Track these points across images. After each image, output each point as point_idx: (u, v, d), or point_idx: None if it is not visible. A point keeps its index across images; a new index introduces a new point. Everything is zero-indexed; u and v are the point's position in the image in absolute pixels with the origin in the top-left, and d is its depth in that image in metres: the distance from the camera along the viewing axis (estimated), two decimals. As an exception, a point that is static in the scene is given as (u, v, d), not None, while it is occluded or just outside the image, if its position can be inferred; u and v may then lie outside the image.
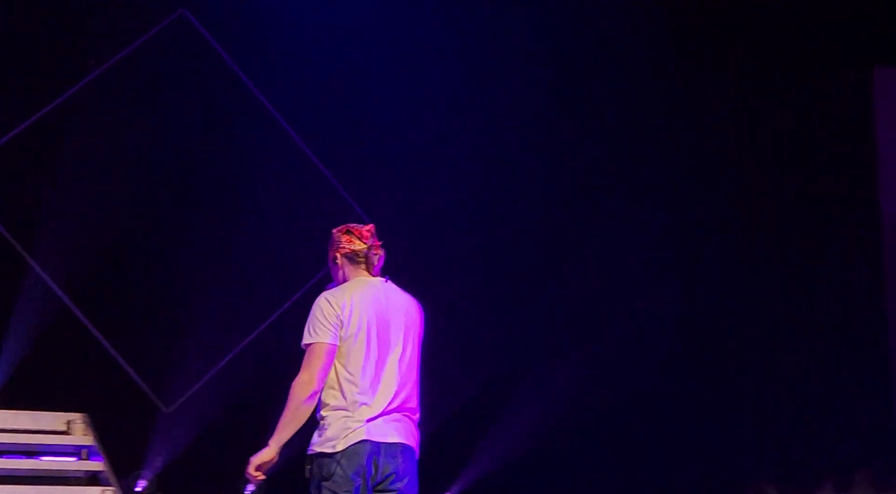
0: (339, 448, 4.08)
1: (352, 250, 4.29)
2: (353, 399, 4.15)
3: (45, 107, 7.72)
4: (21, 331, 7.40)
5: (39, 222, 7.63)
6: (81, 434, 6.83)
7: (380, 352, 4.23)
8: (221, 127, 8.15)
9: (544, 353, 8.42)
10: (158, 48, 7.93)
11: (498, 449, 7.94)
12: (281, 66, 8.20)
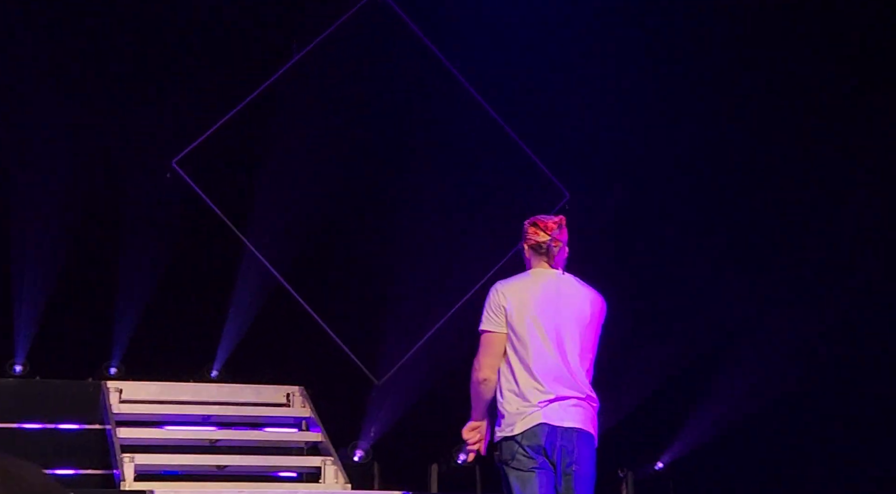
0: (518, 431, 4.22)
1: (536, 242, 4.41)
2: (527, 385, 4.27)
3: (252, 92, 7.99)
4: (240, 310, 7.72)
5: (253, 205, 7.93)
6: (300, 407, 7.11)
7: (552, 342, 4.34)
8: (420, 105, 8.27)
9: (753, 330, 8.22)
10: (358, 30, 8.09)
11: (705, 423, 7.85)
12: (478, 44, 8.25)
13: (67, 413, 6.64)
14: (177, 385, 7.07)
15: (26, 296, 7.26)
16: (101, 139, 7.72)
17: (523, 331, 4.32)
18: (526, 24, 8.32)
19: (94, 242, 7.64)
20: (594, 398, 4.39)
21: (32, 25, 7.62)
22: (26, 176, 7.42)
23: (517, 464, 4.23)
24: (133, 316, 7.53)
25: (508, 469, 4.25)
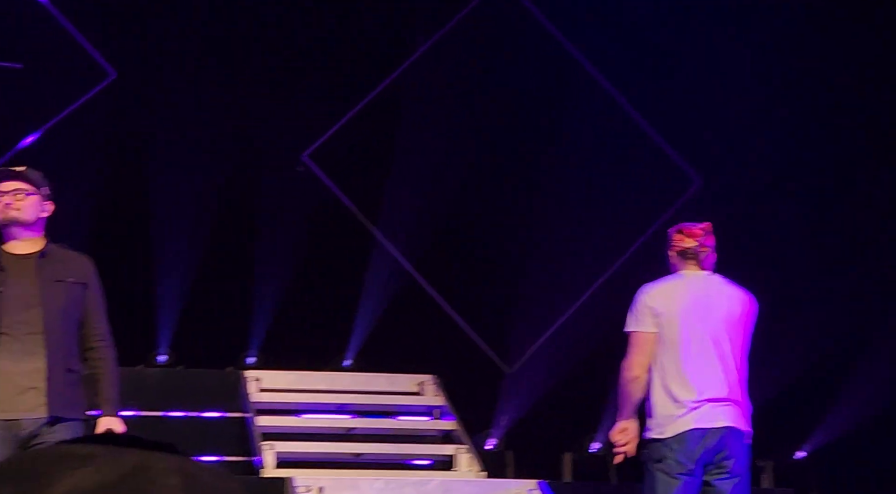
0: (668, 435, 4.24)
1: (683, 248, 4.44)
2: (677, 388, 4.28)
3: (380, 84, 8.08)
4: (372, 300, 7.83)
5: (383, 196, 8.02)
6: (433, 395, 7.17)
7: (702, 343, 4.35)
8: (546, 93, 8.24)
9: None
10: (484, 19, 8.10)
11: (849, 411, 7.64)
12: (601, 29, 8.17)
13: (209, 401, 6.84)
14: (312, 374, 7.21)
15: (168, 289, 7.50)
16: (234, 134, 7.91)
17: (672, 333, 4.31)
18: (651, 6, 8.20)
19: (231, 235, 7.84)
20: (746, 399, 4.36)
21: (166, 25, 7.85)
22: (165, 171, 7.65)
23: (665, 467, 4.25)
24: (269, 307, 7.71)
25: (655, 469, 4.25)
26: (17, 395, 4.18)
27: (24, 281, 4.29)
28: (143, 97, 7.76)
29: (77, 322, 4.36)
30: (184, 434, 6.61)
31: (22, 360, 4.21)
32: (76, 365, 4.35)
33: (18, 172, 4.41)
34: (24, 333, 4.22)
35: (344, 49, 8.06)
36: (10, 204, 4.33)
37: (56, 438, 4.14)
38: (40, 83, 7.52)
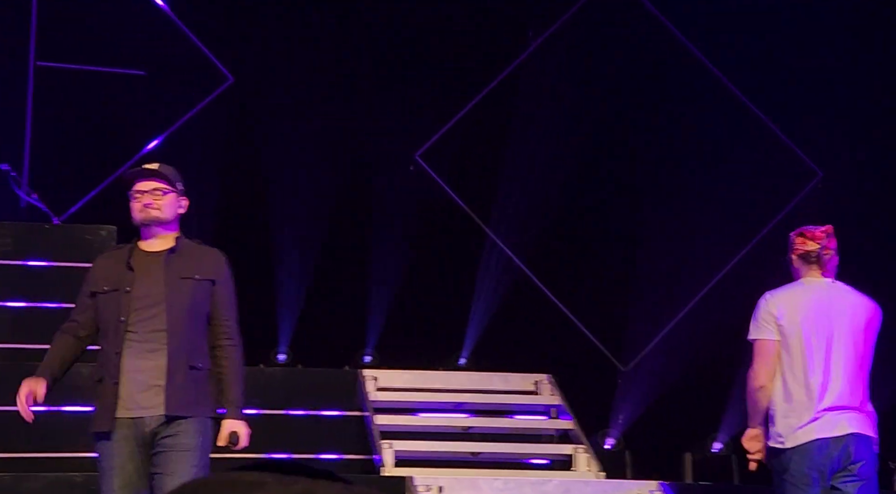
0: (790, 445, 4.24)
1: (805, 251, 4.42)
2: (800, 396, 4.28)
3: (491, 82, 8.07)
4: (485, 298, 7.83)
5: (495, 194, 8.02)
6: (549, 394, 7.13)
7: (824, 352, 4.37)
8: (661, 87, 8.14)
9: None
10: (596, 13, 8.04)
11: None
12: (718, 21, 8.03)
13: (328, 400, 6.90)
14: (429, 373, 7.23)
15: (287, 289, 7.61)
16: (348, 136, 8.00)
17: (795, 342, 4.33)
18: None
19: (346, 235, 7.92)
20: (870, 407, 4.33)
21: (280, 29, 7.97)
22: (282, 173, 7.77)
23: (790, 478, 4.25)
24: (384, 306, 7.77)
25: (782, 479, 4.26)
26: (140, 393, 4.17)
27: (151, 278, 4.26)
28: (260, 100, 7.90)
29: (205, 319, 4.30)
30: (304, 432, 6.70)
31: (145, 358, 4.19)
32: (202, 362, 4.27)
33: (155, 171, 4.36)
34: (149, 331, 4.20)
35: (454, 49, 8.08)
36: (150, 204, 4.29)
37: (178, 437, 4.17)
38: (162, 89, 7.70)
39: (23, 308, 6.52)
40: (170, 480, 4.12)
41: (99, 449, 4.22)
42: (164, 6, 8.00)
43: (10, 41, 7.83)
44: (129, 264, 4.30)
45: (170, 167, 4.44)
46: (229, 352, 4.31)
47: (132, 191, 4.33)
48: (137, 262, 4.31)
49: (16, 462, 5.87)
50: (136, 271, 4.28)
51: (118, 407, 4.17)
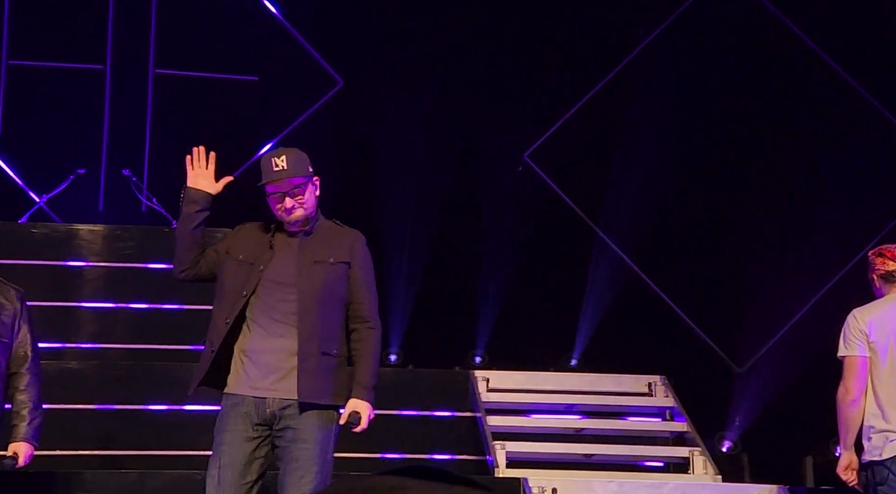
0: (886, 456, 4.35)
1: (885, 271, 4.54)
2: (889, 409, 4.40)
3: (599, 82, 8.01)
4: (596, 299, 7.76)
5: (603, 192, 7.96)
6: (663, 396, 7.03)
7: None
8: (774, 82, 7.97)
9: None
10: (707, 9, 7.92)
11: None
12: (832, 12, 7.84)
13: (440, 400, 6.92)
14: (540, 374, 7.20)
15: (397, 290, 7.66)
16: (456, 137, 8.02)
17: (881, 356, 4.35)
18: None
19: (455, 236, 7.94)
20: None
21: (388, 32, 8.03)
22: (391, 174, 7.83)
23: (888, 490, 4.32)
24: (494, 307, 7.76)
25: (877, 491, 4.33)
26: (267, 375, 4.02)
27: (286, 261, 4.11)
28: (369, 103, 7.97)
29: (340, 303, 4.11)
30: (417, 432, 6.73)
31: (274, 341, 4.03)
32: (334, 348, 4.08)
33: (290, 169, 4.11)
34: (280, 314, 4.04)
35: (563, 47, 8.04)
36: (293, 207, 4.09)
37: (300, 430, 4.00)
38: (274, 94, 7.83)
39: (144, 309, 6.69)
40: (292, 476, 3.99)
41: (217, 426, 4.11)
42: (276, 13, 8.14)
43: (131, 50, 8.06)
44: (270, 242, 4.15)
45: (295, 152, 4.21)
46: (365, 334, 4.15)
47: (269, 193, 4.15)
48: (278, 242, 4.15)
49: (141, 459, 6.02)
50: (274, 250, 4.13)
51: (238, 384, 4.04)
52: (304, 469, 3.99)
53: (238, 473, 4.02)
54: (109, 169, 7.88)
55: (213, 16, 8.07)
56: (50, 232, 6.76)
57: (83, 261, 6.71)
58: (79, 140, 7.96)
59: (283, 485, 4.04)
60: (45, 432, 5.95)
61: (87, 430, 6.04)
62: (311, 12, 8.11)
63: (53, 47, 8.02)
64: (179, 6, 8.12)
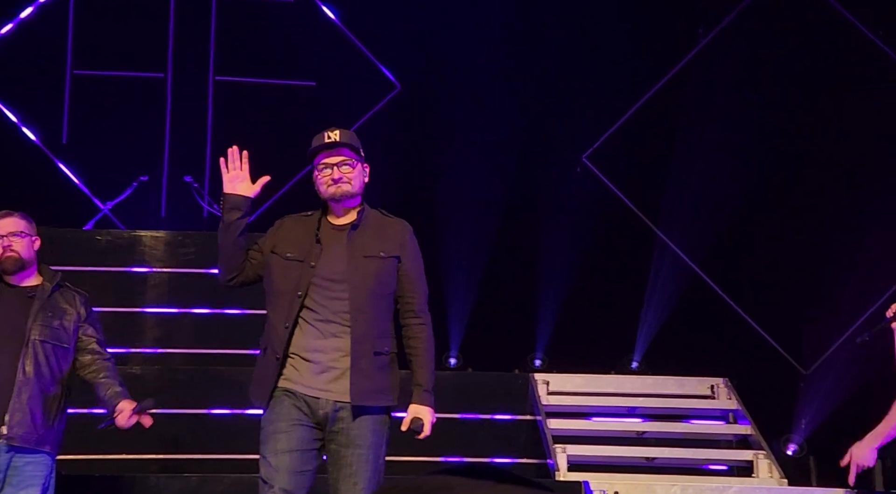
0: None
1: None
2: None
3: (658, 82, 7.94)
4: (657, 301, 7.69)
5: (663, 194, 7.88)
6: (726, 398, 6.94)
7: None
8: (838, 79, 7.84)
9: None
10: (768, 7, 7.81)
11: None
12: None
13: (499, 403, 6.90)
14: (601, 377, 7.15)
15: (456, 293, 7.65)
16: (514, 139, 7.99)
17: None
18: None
19: (514, 238, 7.92)
20: None
21: (445, 34, 8.03)
22: (450, 177, 7.82)
23: None
24: (553, 310, 7.72)
25: None
26: (319, 374, 3.86)
27: (335, 256, 3.93)
28: (427, 107, 7.98)
29: (390, 298, 3.97)
30: (477, 436, 6.71)
31: (328, 341, 3.87)
32: (386, 346, 3.93)
33: (343, 143, 3.95)
34: (331, 312, 3.88)
35: (622, 48, 7.98)
36: (339, 178, 3.92)
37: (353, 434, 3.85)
38: (332, 99, 7.87)
39: (206, 314, 6.75)
40: (345, 483, 3.85)
41: (265, 414, 3.92)
42: (334, 18, 8.18)
43: (191, 58, 8.16)
44: (317, 237, 3.96)
45: (349, 132, 4.06)
46: (418, 331, 3.99)
47: (318, 164, 3.97)
48: (325, 236, 3.96)
49: (203, 463, 6.08)
50: (323, 245, 3.95)
51: (292, 380, 3.87)
52: (357, 474, 3.86)
53: (299, 459, 3.84)
54: (171, 175, 7.99)
55: (270, 22, 8.14)
56: (114, 238, 6.85)
57: (146, 267, 6.80)
58: (141, 147, 8.07)
59: (335, 490, 3.88)
60: (109, 436, 6.06)
61: (150, 434, 6.10)
62: (368, 17, 8.14)
63: (116, 57, 8.14)
64: (238, 14, 8.21)
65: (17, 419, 4.22)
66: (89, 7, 8.21)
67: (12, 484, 4.24)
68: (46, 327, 4.34)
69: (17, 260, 4.39)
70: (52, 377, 4.32)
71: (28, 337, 4.30)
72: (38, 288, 4.43)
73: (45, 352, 4.32)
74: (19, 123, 8.09)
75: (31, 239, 4.47)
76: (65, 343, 4.38)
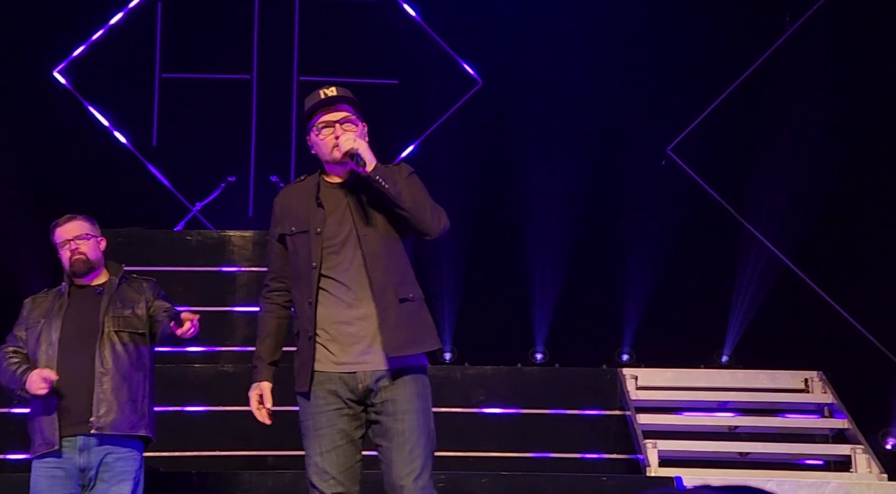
0: None
1: None
2: None
3: (744, 72, 7.82)
4: (746, 294, 7.57)
5: (750, 185, 7.76)
6: (821, 392, 6.81)
7: None
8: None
9: None
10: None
11: None
12: None
13: (587, 399, 6.85)
14: (690, 371, 7.05)
15: (541, 288, 7.62)
16: (598, 131, 7.94)
17: None
18: None
19: (599, 232, 7.86)
20: None
21: (525, 28, 8.01)
22: (533, 171, 7.80)
23: None
24: (640, 304, 7.64)
25: None
26: (350, 346, 3.66)
27: (339, 214, 3.70)
28: (509, 102, 7.96)
29: (408, 241, 3.74)
30: (565, 431, 6.68)
31: (349, 306, 3.66)
32: (410, 291, 3.69)
33: (342, 97, 3.71)
34: (350, 276, 3.65)
35: (706, 38, 7.87)
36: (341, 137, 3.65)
37: (398, 396, 3.67)
38: (414, 96, 7.90)
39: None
40: (399, 451, 3.65)
41: (301, 407, 3.76)
42: (415, 16, 8.21)
43: (276, 59, 8.26)
44: (318, 201, 3.72)
45: (346, 89, 3.81)
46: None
47: (315, 123, 3.70)
48: (326, 197, 3.72)
49: (295, 460, 6.14)
50: (325, 208, 3.71)
51: (323, 361, 3.68)
52: (411, 441, 3.66)
53: (345, 455, 3.70)
54: (258, 175, 8.09)
55: (352, 21, 8.20)
56: (204, 239, 6.96)
57: (235, 267, 6.90)
58: (228, 148, 8.20)
59: (389, 462, 3.68)
60: (202, 433, 6.16)
61: (241, 432, 6.20)
62: (448, 13, 8.16)
63: (203, 60, 8.28)
64: (321, 14, 8.28)
65: (104, 410, 4.31)
66: (176, 11, 8.36)
67: (104, 480, 4.33)
68: (118, 318, 4.44)
69: (85, 261, 4.50)
70: (131, 364, 4.41)
71: (102, 330, 4.40)
72: (106, 284, 4.53)
73: (123, 341, 4.41)
74: (111, 127, 8.28)
75: (97, 240, 4.59)
76: (140, 329, 4.47)
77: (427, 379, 3.76)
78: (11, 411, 5.99)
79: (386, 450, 3.68)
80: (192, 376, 6.30)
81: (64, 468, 4.33)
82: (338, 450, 3.69)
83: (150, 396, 4.48)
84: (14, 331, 4.52)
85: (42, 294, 4.57)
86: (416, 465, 3.65)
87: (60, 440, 4.30)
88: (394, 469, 3.66)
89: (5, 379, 4.40)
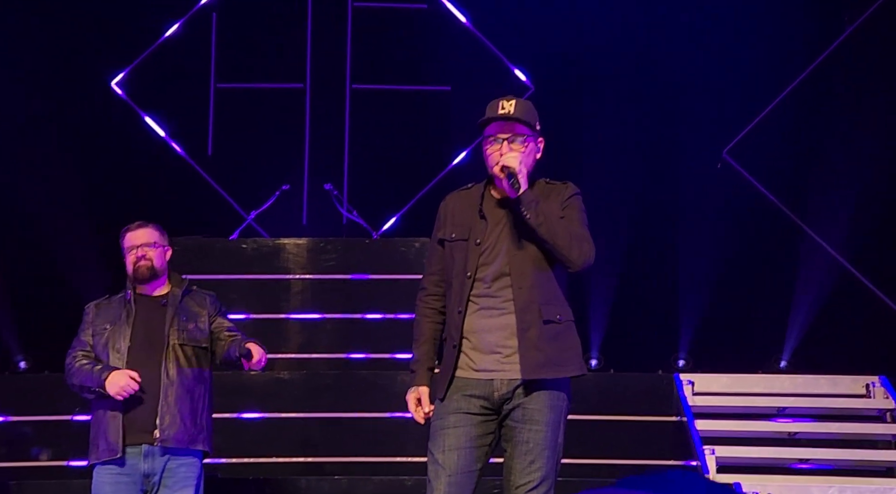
0: None
1: None
2: None
3: (801, 73, 7.73)
4: (806, 298, 7.47)
5: (807, 188, 7.67)
6: (882, 397, 6.69)
7: None
8: None
9: None
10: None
11: None
12: None
13: (643, 404, 6.80)
14: (748, 377, 6.97)
15: (596, 292, 7.59)
16: (653, 135, 7.89)
17: None
18: None
19: (654, 237, 7.81)
20: None
21: (576, 33, 7.98)
22: (588, 175, 7.76)
23: None
24: (696, 309, 7.57)
25: None
26: (489, 354, 3.65)
27: (498, 230, 3.70)
28: (562, 107, 7.93)
29: (556, 261, 3.69)
30: (622, 437, 6.63)
31: (493, 317, 3.66)
32: (557, 313, 3.66)
33: (514, 116, 3.74)
34: (496, 287, 3.66)
35: (762, 39, 7.79)
36: (505, 155, 3.67)
37: (531, 405, 3.63)
38: (467, 103, 7.90)
39: (347, 319, 6.86)
40: (521, 460, 3.63)
41: (436, 410, 3.73)
42: (467, 22, 8.22)
43: (329, 68, 8.32)
44: (481, 212, 3.74)
45: (527, 103, 3.84)
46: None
47: (486, 135, 3.76)
48: (489, 210, 3.73)
49: (351, 466, 6.17)
50: (487, 220, 3.72)
51: (464, 367, 3.68)
52: (534, 453, 3.62)
53: (466, 457, 3.65)
54: (311, 183, 8.15)
55: (404, 29, 8.23)
56: (259, 247, 7.03)
57: (289, 274, 6.95)
58: (282, 157, 8.26)
59: (510, 469, 3.66)
60: (259, 440, 6.21)
61: (297, 438, 6.24)
62: (499, 19, 8.15)
63: (257, 69, 8.36)
64: (372, 22, 8.32)
65: (168, 421, 4.37)
66: (231, 22, 8.45)
67: (167, 486, 4.40)
68: (183, 331, 4.48)
69: (149, 268, 4.54)
70: (194, 377, 4.46)
71: (168, 343, 4.45)
72: (170, 295, 4.57)
73: (186, 355, 4.46)
74: (167, 137, 8.39)
75: (164, 249, 4.62)
76: (202, 343, 4.51)
77: (566, 393, 3.70)
78: (74, 418, 6.08)
79: (508, 456, 3.68)
80: (248, 383, 6.36)
81: (128, 474, 4.39)
82: (460, 451, 3.65)
83: (208, 409, 4.53)
84: (80, 336, 4.56)
85: (104, 300, 4.62)
86: (534, 477, 3.63)
87: (124, 447, 4.36)
88: (512, 478, 3.65)
89: (80, 378, 4.44)
